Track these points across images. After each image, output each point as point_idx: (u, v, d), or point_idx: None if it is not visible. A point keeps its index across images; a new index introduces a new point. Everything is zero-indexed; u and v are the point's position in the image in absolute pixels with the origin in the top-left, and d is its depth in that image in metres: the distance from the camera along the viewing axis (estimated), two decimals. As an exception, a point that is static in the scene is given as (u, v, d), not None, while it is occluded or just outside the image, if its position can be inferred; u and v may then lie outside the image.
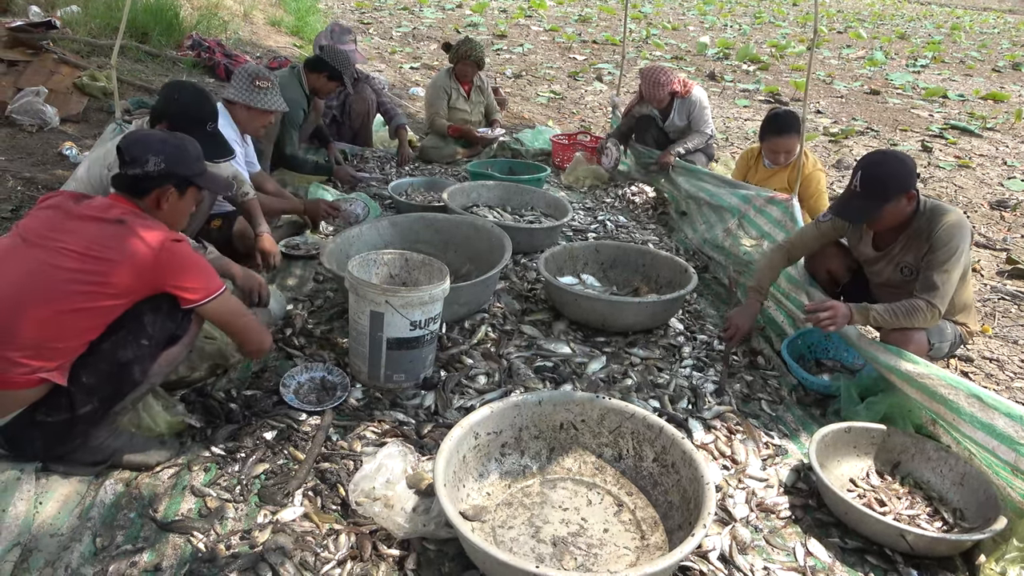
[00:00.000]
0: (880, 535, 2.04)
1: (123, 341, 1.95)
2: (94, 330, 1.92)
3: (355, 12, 14.19)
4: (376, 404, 2.52)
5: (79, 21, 7.00)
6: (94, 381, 1.93)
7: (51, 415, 1.91)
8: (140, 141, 2.08)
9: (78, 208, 1.97)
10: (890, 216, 2.57)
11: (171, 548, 1.85)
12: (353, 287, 2.48)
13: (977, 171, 6.76)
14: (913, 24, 22.21)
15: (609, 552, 1.95)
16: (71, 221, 1.94)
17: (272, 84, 3.44)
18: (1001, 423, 2.09)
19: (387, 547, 1.90)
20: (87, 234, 1.91)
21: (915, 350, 2.48)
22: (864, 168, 2.55)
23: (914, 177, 2.52)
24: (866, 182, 2.53)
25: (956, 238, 2.49)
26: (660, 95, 4.84)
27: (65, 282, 1.86)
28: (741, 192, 3.97)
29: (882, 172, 2.52)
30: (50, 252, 1.89)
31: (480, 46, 5.50)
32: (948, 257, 2.48)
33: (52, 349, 1.85)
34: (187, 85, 2.73)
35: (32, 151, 4.67)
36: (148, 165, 2.03)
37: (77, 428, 1.96)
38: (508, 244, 3.26)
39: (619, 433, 2.23)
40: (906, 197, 2.52)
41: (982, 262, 4.54)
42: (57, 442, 1.98)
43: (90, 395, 1.93)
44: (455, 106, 5.63)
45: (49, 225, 1.95)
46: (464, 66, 5.47)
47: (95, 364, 1.92)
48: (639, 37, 13.97)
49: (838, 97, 9.96)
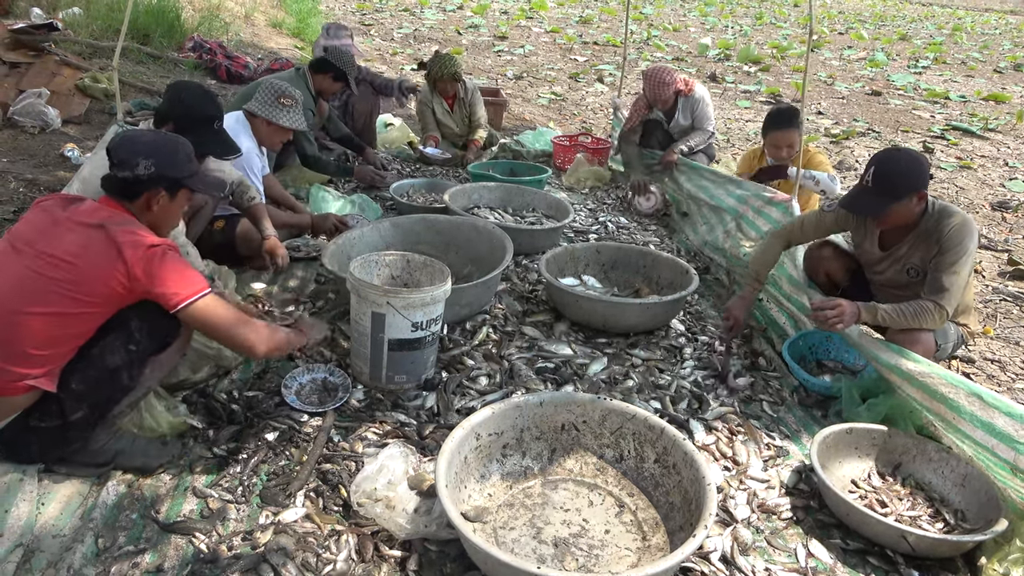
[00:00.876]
0: (882, 536, 2.04)
1: (111, 347, 1.92)
2: (80, 336, 1.89)
3: (356, 14, 14.20)
4: (378, 405, 2.52)
5: (81, 23, 7.02)
6: (83, 387, 1.90)
7: (44, 421, 1.90)
8: (129, 143, 2.03)
9: (65, 213, 1.95)
10: (898, 215, 2.56)
11: (173, 549, 1.85)
12: (355, 288, 2.48)
13: (979, 172, 6.76)
14: (914, 25, 22.21)
15: (610, 553, 1.95)
16: (56, 227, 1.92)
17: (295, 103, 3.49)
18: (1001, 422, 2.09)
19: (389, 548, 1.91)
20: (69, 240, 1.88)
21: (922, 351, 2.47)
22: (878, 164, 2.54)
23: (926, 177, 2.51)
24: (878, 178, 2.52)
25: (966, 240, 2.48)
26: (665, 95, 4.85)
27: (45, 289, 1.83)
28: (738, 192, 3.97)
29: (895, 169, 2.51)
30: (31, 258, 1.87)
31: (452, 59, 5.42)
32: (957, 259, 2.47)
33: (38, 356, 1.83)
34: (191, 85, 2.74)
35: (34, 153, 4.68)
36: (138, 168, 1.99)
37: (71, 434, 1.95)
38: (509, 245, 3.26)
39: (620, 434, 2.23)
40: (917, 196, 2.51)
41: (984, 263, 4.54)
42: (53, 447, 1.97)
43: (80, 401, 1.91)
44: (441, 120, 5.65)
45: (35, 231, 1.93)
46: (443, 83, 5.43)
47: (84, 370, 1.90)
48: (640, 38, 13.97)
49: (839, 98, 9.96)
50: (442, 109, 5.61)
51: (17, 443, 1.95)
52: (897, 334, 2.57)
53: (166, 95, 2.72)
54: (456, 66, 5.40)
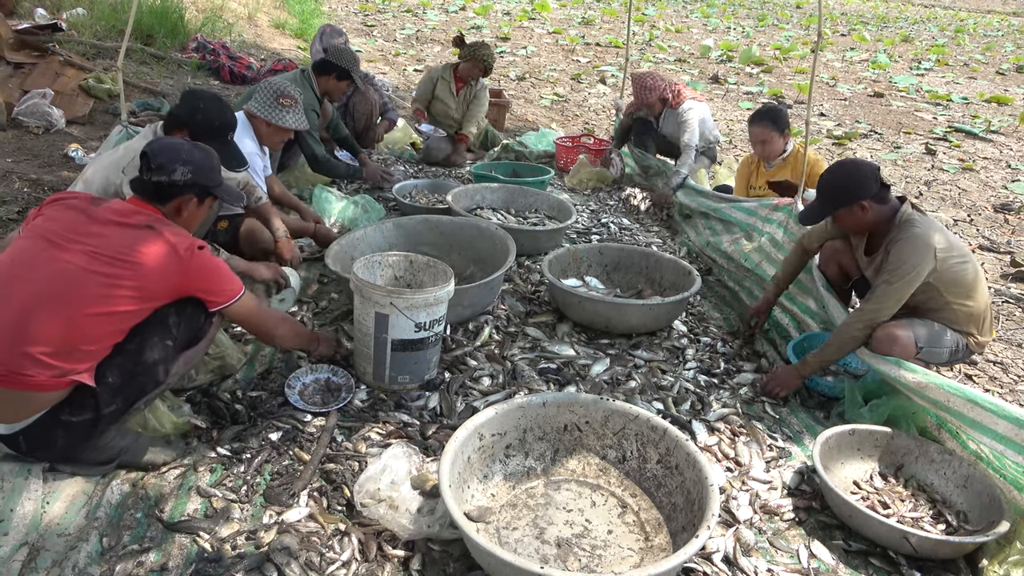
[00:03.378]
0: (884, 537, 2.05)
1: (150, 342, 1.99)
2: (121, 333, 1.95)
3: (359, 15, 14.22)
4: (381, 405, 2.53)
5: (85, 23, 7.04)
6: (120, 381, 1.96)
7: (75, 415, 1.93)
8: (168, 149, 2.11)
9: (99, 211, 1.99)
10: (847, 221, 2.70)
11: (177, 548, 1.85)
12: (358, 289, 2.49)
13: (981, 174, 6.76)
14: (917, 27, 22.20)
15: (613, 553, 1.95)
16: (95, 224, 1.96)
17: (295, 103, 3.49)
18: (1002, 427, 2.10)
19: (392, 548, 1.91)
20: (115, 238, 1.94)
21: (900, 352, 2.50)
22: (821, 176, 2.71)
23: (866, 189, 2.57)
24: (818, 189, 2.70)
25: (908, 255, 2.50)
26: (649, 99, 4.88)
27: (97, 285, 1.88)
28: (745, 206, 3.98)
29: (831, 181, 2.67)
30: (79, 255, 1.90)
31: (494, 55, 5.46)
32: (894, 269, 2.52)
33: (81, 351, 1.88)
34: (209, 95, 2.75)
35: (38, 153, 4.69)
36: (176, 174, 2.08)
37: (99, 427, 1.98)
38: (512, 246, 3.27)
39: (623, 435, 2.24)
40: (858, 207, 2.60)
41: (986, 265, 4.54)
42: (80, 441, 1.99)
43: (115, 395, 1.96)
44: (439, 96, 5.59)
45: (72, 227, 1.96)
46: (470, 66, 5.41)
47: (122, 364, 1.96)
48: (642, 40, 13.98)
49: (842, 100, 9.96)
50: (447, 87, 5.57)
51: (43, 440, 1.95)
52: (878, 336, 2.59)
53: (182, 102, 2.72)
54: (494, 60, 5.46)
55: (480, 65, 5.39)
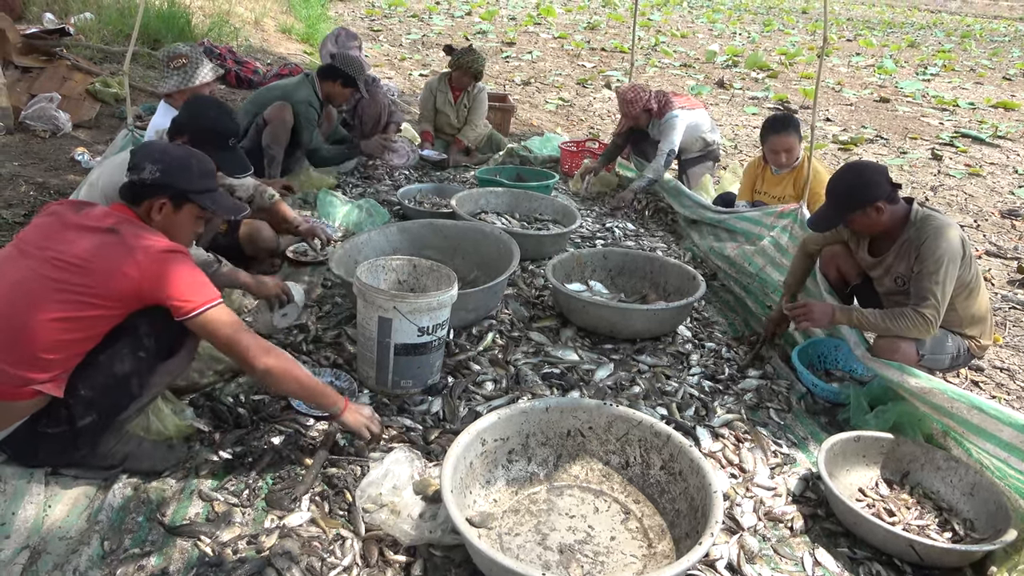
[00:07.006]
0: (889, 545, 2.03)
1: (120, 354, 1.92)
2: (87, 342, 1.88)
3: (365, 19, 14.27)
4: (383, 410, 2.52)
5: (92, 28, 7.08)
6: (92, 394, 1.90)
7: (51, 427, 1.89)
8: (145, 148, 2.09)
9: (76, 217, 1.95)
10: (861, 224, 2.65)
11: (178, 552, 1.85)
12: (361, 293, 2.48)
13: (988, 179, 6.73)
14: (923, 32, 22.15)
15: (616, 560, 1.94)
16: (67, 231, 1.92)
17: (188, 59, 3.40)
18: (1007, 434, 2.08)
19: (394, 553, 1.90)
20: (79, 244, 1.88)
21: (901, 359, 2.50)
22: (829, 182, 2.66)
23: (878, 189, 2.55)
24: (828, 195, 2.65)
25: (942, 246, 2.49)
26: (632, 111, 4.85)
27: (52, 291, 1.83)
28: (749, 216, 3.96)
29: (842, 185, 2.62)
30: (40, 262, 1.86)
31: (481, 59, 5.51)
32: (937, 267, 2.48)
33: (45, 360, 1.82)
34: (209, 101, 2.74)
35: (45, 156, 4.71)
36: (144, 172, 2.00)
37: (79, 440, 1.95)
38: (516, 251, 3.26)
39: (626, 440, 2.23)
40: (872, 209, 2.56)
41: (992, 271, 4.51)
42: (61, 452, 1.97)
43: (88, 408, 1.91)
44: (440, 108, 5.71)
45: (44, 235, 1.93)
46: (461, 75, 5.50)
47: (93, 376, 1.89)
48: (648, 45, 13.99)
49: (847, 105, 9.94)
50: (445, 98, 5.67)
51: (25, 449, 1.94)
52: (878, 342, 2.59)
53: (184, 109, 2.72)
54: (482, 65, 5.50)
55: (469, 72, 5.46)
